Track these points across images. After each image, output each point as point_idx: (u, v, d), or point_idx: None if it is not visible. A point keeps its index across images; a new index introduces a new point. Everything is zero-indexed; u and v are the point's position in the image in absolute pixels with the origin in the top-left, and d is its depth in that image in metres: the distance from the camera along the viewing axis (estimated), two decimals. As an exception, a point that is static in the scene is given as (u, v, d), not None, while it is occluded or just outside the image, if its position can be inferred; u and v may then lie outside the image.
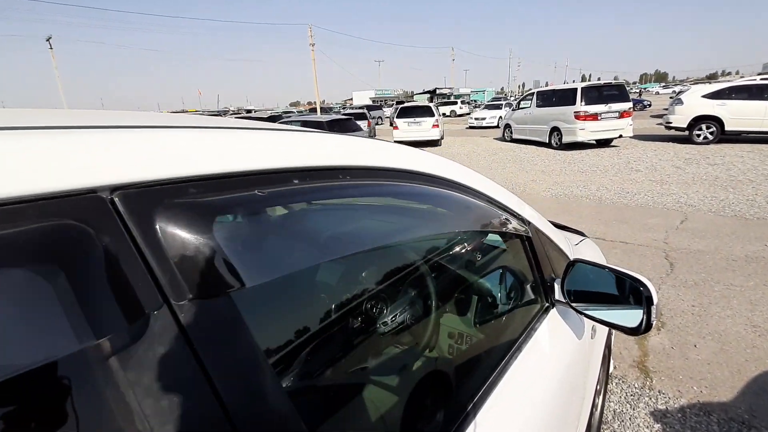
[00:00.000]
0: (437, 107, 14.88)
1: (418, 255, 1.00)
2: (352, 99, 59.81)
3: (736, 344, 2.46)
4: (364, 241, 0.66)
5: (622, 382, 2.22)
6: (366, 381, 0.81)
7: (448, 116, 32.62)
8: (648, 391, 2.14)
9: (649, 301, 0.85)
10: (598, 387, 1.66)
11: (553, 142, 11.47)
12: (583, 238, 1.93)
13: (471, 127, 21.32)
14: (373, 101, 46.80)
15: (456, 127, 22.40)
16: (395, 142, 12.98)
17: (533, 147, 12.11)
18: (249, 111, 35.05)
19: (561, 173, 8.20)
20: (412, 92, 63.31)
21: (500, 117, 16.06)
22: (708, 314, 2.82)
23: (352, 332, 0.81)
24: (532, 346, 0.97)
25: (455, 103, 34.82)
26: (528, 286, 1.10)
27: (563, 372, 1.04)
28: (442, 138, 14.49)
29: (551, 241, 1.20)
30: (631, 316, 0.91)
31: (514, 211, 1.03)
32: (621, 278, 0.92)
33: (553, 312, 1.10)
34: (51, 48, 33.88)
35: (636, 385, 2.18)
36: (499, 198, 0.98)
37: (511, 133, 13.69)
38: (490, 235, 1.14)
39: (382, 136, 18.27)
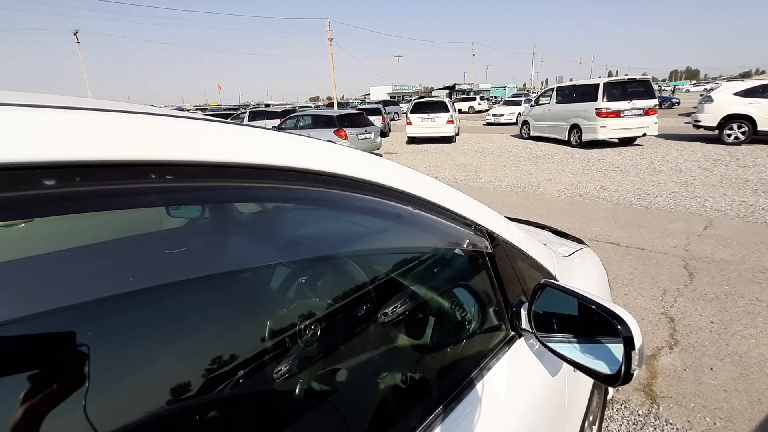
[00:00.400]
0: (453, 103, 14.53)
1: (337, 271, 0.82)
2: (369, 94, 59.50)
3: (759, 369, 2.19)
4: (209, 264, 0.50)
5: (624, 408, 1.99)
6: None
7: (466, 113, 32.07)
8: (653, 419, 1.91)
9: (629, 343, 0.66)
10: (591, 417, 1.45)
11: (572, 139, 11.03)
12: (580, 247, 1.71)
13: (488, 124, 20.85)
14: (391, 96, 46.32)
15: (473, 124, 21.95)
16: (409, 138, 12.78)
17: (551, 145, 11.68)
18: (267, 105, 35.29)
19: (578, 172, 7.84)
20: (432, 88, 62.59)
21: (519, 113, 15.58)
22: (728, 333, 2.54)
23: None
24: (488, 384, 0.79)
25: (474, 99, 34.15)
26: (491, 311, 0.91)
27: (529, 416, 0.85)
28: (457, 134, 14.16)
29: (527, 256, 1.00)
30: (612, 358, 0.72)
31: (472, 221, 0.84)
32: (594, 310, 0.72)
33: (520, 343, 0.91)
34: (78, 42, 34.82)
35: (640, 413, 1.95)
36: (448, 205, 0.79)
37: (529, 130, 13.26)
38: (445, 248, 0.95)
39: (397, 132, 18.04)
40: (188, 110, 24.39)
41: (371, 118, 15.61)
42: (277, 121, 11.89)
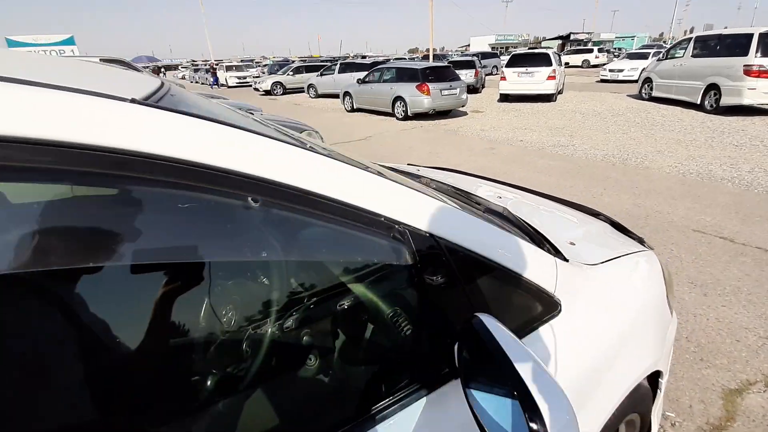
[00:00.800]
0: (559, 56, 12.79)
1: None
2: (469, 45, 55.35)
3: None
4: None
5: (675, 449, 1.61)
6: None
7: (578, 67, 28.27)
8: (712, 473, 1.51)
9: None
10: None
11: (706, 103, 9.03)
12: (637, 249, 1.32)
13: (603, 81, 18.10)
14: (493, 48, 42.56)
15: (584, 80, 19.27)
16: (501, 95, 11.70)
17: (677, 109, 9.73)
18: (364, 57, 35.19)
19: (703, 145, 6.42)
20: (542, 38, 56.16)
21: (644, 69, 13.02)
22: None
23: None
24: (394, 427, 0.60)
25: (590, 51, 29.69)
26: (424, 338, 0.69)
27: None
28: (559, 92, 12.56)
29: (495, 266, 0.74)
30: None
31: (390, 220, 0.61)
32: (514, 377, 0.46)
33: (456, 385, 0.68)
34: (200, -6, 37.86)
35: (695, 460, 1.56)
36: (347, 197, 0.57)
37: (651, 89, 11.17)
38: (350, 258, 0.70)
39: (493, 88, 16.66)
40: (293, 62, 25.39)
41: (464, 72, 14.62)
42: (364, 74, 11.71)
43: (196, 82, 31.01)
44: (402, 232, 0.62)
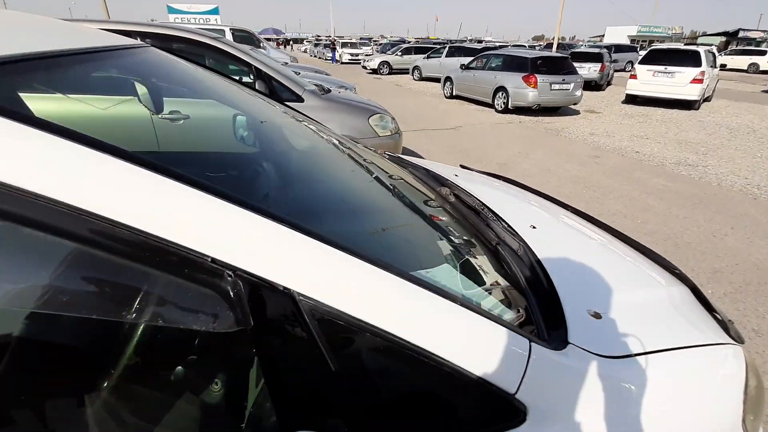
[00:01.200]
0: (714, 55, 10.58)
1: None
2: (604, 35, 48.89)
3: None
4: None
5: None
6: None
7: (742, 71, 23.35)
8: None
9: None
10: None
11: None
12: (713, 341, 0.91)
13: (772, 91, 14.64)
14: (632, 40, 37.05)
15: (747, 88, 15.79)
16: (627, 95, 10.17)
17: None
18: (479, 41, 33.60)
19: None
20: (701, 33, 47.53)
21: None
22: None
23: None
24: None
25: (763, 53, 24.10)
26: None
27: None
28: (705, 99, 10.44)
29: (409, 349, 0.50)
30: None
31: (223, 264, 0.42)
32: None
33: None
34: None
35: None
36: (159, 229, 0.39)
37: (840, 107, 8.66)
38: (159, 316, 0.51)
39: (621, 86, 14.57)
40: (408, 42, 25.44)
41: (588, 65, 13.10)
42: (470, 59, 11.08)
43: (315, 56, 32.87)
44: (234, 282, 0.43)
